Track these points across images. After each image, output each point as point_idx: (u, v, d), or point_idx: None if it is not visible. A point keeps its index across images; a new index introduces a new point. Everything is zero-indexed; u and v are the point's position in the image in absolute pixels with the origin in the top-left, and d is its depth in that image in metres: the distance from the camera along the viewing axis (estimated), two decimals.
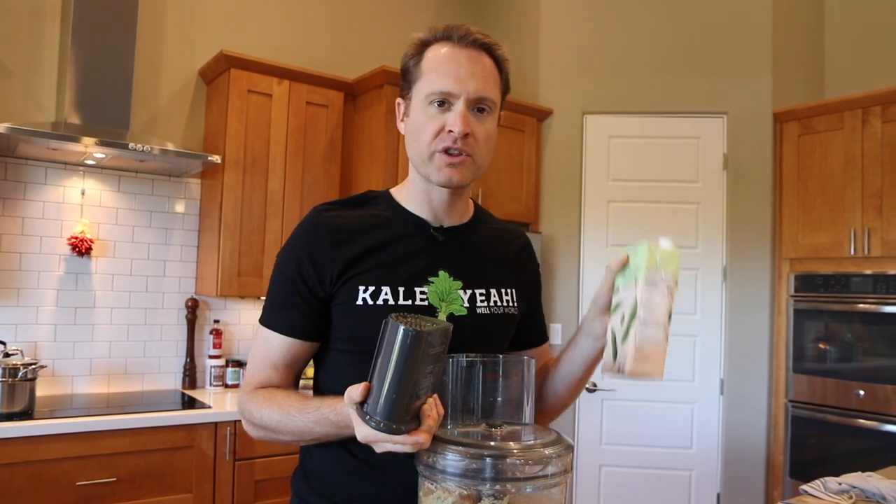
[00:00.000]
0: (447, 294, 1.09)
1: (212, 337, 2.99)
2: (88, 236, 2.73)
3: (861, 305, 3.02)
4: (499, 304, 1.14)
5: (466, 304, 1.10)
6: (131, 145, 2.45)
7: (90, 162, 2.69)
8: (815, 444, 3.14)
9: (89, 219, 2.78)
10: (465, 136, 1.04)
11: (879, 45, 3.46)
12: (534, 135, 3.50)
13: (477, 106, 1.06)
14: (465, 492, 0.83)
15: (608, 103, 3.46)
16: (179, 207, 3.00)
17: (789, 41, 3.45)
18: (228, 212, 2.79)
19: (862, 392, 2.97)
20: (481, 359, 0.99)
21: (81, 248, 2.70)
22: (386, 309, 1.05)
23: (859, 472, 1.71)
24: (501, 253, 1.21)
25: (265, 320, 1.12)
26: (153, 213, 2.94)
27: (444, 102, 1.05)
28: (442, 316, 1.07)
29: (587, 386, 3.35)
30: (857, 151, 3.06)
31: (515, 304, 1.18)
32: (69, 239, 2.70)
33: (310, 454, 1.15)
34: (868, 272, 3.01)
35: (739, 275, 3.34)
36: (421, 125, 1.06)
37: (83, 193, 2.77)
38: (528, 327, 1.24)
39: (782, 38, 3.40)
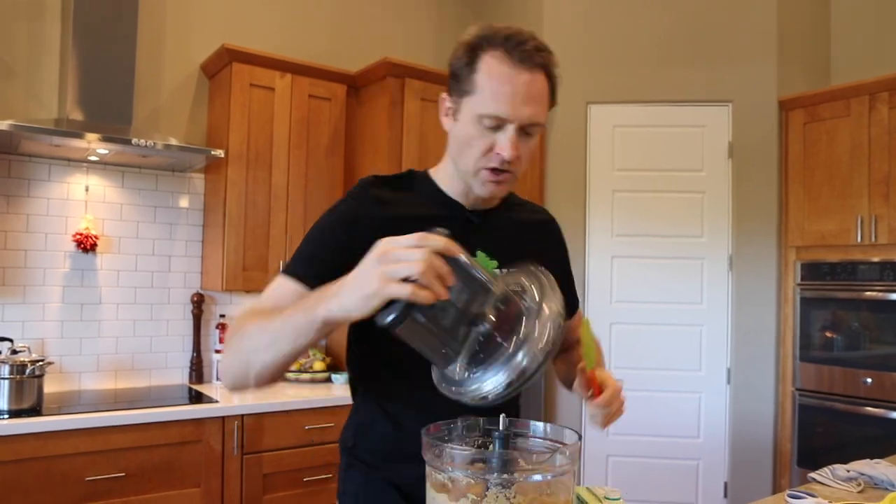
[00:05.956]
0: None
1: (218, 331, 2.99)
2: (93, 232, 2.73)
3: (868, 293, 3.01)
4: None
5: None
6: (134, 141, 2.45)
7: (93, 158, 2.69)
8: (822, 433, 3.13)
9: (94, 215, 2.78)
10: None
11: (886, 30, 3.43)
12: None
13: (526, 130, 1.08)
14: (472, 482, 0.83)
15: (612, 92, 3.44)
16: (183, 202, 3.00)
17: (794, 28, 3.42)
18: (232, 206, 2.79)
19: (869, 380, 2.96)
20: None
21: (86, 245, 2.71)
22: None
23: (867, 460, 1.70)
24: (531, 232, 1.27)
25: (286, 269, 1.11)
26: (157, 209, 2.94)
27: (495, 124, 1.06)
28: None
29: None
30: (864, 138, 3.04)
31: None
32: (74, 235, 2.71)
33: (357, 412, 1.22)
34: (875, 259, 2.99)
35: (745, 264, 3.32)
36: (470, 140, 1.08)
37: (87, 190, 2.78)
38: None
39: (787, 25, 3.37)
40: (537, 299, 0.86)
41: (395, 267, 0.80)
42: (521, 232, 1.25)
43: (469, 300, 0.86)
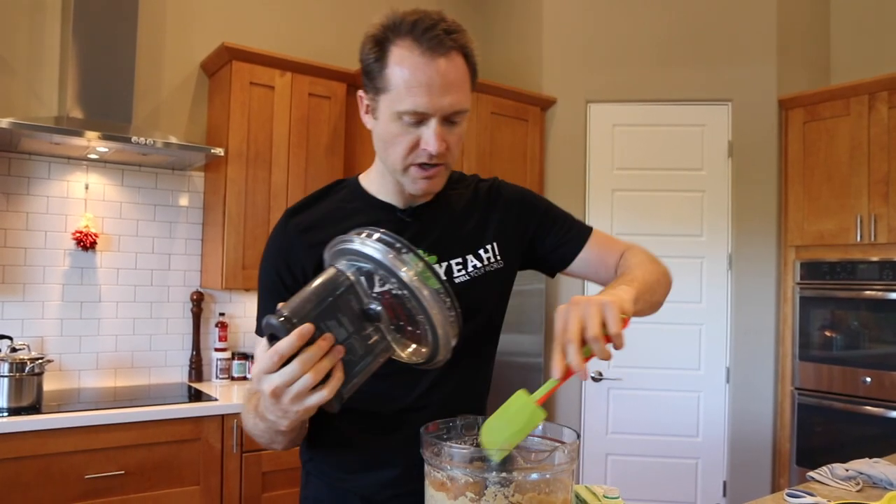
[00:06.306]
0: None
1: (217, 330, 2.99)
2: (93, 230, 2.73)
3: (867, 292, 3.01)
4: (478, 266, 1.15)
5: (443, 278, 1.09)
6: (134, 139, 2.45)
7: (93, 156, 2.69)
8: (821, 432, 3.13)
9: (93, 213, 2.78)
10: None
11: (886, 29, 3.43)
12: (537, 124, 3.49)
13: (451, 119, 1.02)
14: (471, 480, 0.83)
15: (612, 91, 3.44)
16: (183, 201, 3.00)
17: (794, 27, 3.42)
18: (232, 204, 2.79)
19: (868, 379, 2.96)
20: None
21: (86, 243, 2.71)
22: None
23: (866, 459, 1.70)
24: (470, 211, 1.19)
25: (257, 329, 1.12)
26: (157, 207, 2.94)
27: (416, 119, 1.00)
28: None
29: (593, 375, 3.35)
30: (864, 137, 3.04)
31: (499, 258, 1.17)
32: (74, 233, 2.71)
33: (317, 433, 1.18)
34: (874, 259, 2.99)
35: (745, 263, 3.32)
36: (392, 138, 1.03)
37: (87, 188, 2.78)
38: (554, 247, 1.22)
39: (787, 24, 3.37)
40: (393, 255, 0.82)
41: (295, 391, 0.79)
42: (464, 214, 1.18)
43: (349, 314, 0.82)
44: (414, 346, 0.88)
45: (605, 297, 0.86)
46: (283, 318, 0.77)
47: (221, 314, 3.04)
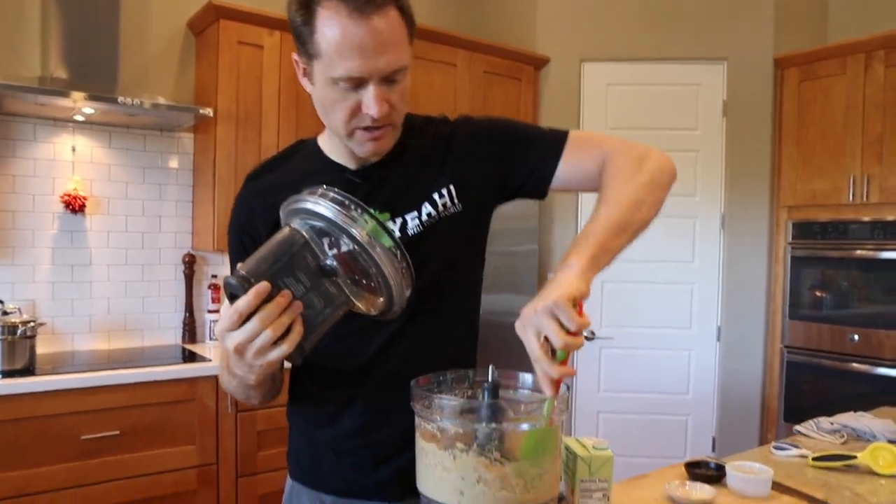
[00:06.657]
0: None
1: (210, 291, 2.99)
2: (81, 193, 2.70)
3: (858, 252, 3.02)
4: (433, 213, 1.09)
5: (398, 235, 1.07)
6: (120, 99, 2.41)
7: (79, 117, 2.64)
8: (809, 389, 3.18)
9: (81, 176, 2.75)
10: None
11: None
12: (531, 83, 3.45)
13: (391, 78, 0.97)
14: (461, 431, 0.84)
15: (606, 50, 3.39)
16: (173, 163, 2.97)
17: None
18: (222, 166, 2.76)
19: (856, 337, 3.00)
20: None
21: (75, 206, 2.68)
22: None
23: (851, 412, 1.73)
24: (429, 159, 1.12)
25: None
26: (146, 169, 2.90)
27: (353, 84, 0.96)
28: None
29: (585, 334, 3.38)
30: (859, 97, 3.02)
31: (456, 202, 1.11)
32: (62, 196, 2.68)
33: (294, 389, 1.22)
34: (866, 219, 3.00)
35: (737, 222, 3.33)
36: (331, 104, 0.99)
37: (74, 150, 2.74)
38: (528, 174, 1.14)
39: None
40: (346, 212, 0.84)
41: (257, 347, 0.83)
42: (423, 163, 1.12)
43: (306, 271, 0.84)
44: (370, 297, 0.91)
45: (550, 295, 0.83)
46: (240, 278, 0.80)
47: (214, 276, 3.04)
